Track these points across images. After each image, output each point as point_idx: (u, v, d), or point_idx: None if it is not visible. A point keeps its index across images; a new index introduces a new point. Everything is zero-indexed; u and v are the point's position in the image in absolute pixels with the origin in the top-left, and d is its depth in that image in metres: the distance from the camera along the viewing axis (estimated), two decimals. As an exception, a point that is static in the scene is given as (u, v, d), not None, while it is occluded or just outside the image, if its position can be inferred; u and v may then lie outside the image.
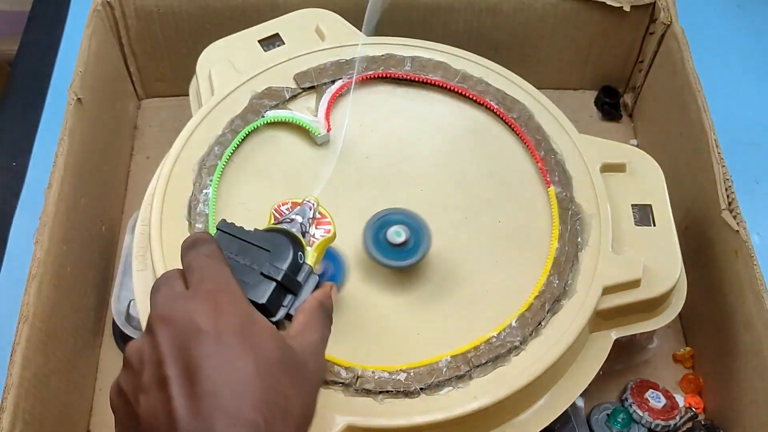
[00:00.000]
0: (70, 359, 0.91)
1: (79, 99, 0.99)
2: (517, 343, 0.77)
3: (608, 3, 1.13)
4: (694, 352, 1.02)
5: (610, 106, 1.23)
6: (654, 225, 0.87)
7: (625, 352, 0.98)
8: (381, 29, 1.15)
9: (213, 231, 0.80)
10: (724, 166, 0.96)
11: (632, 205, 0.88)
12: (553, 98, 1.21)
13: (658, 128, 1.14)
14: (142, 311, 0.84)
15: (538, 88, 0.98)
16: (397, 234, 0.80)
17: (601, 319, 0.83)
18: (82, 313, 0.96)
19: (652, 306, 0.85)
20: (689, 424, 0.96)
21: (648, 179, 0.91)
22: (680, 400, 0.99)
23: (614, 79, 1.24)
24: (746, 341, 0.91)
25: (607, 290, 0.81)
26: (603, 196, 0.87)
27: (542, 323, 0.79)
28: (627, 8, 1.13)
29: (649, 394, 0.95)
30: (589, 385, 0.95)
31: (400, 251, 0.81)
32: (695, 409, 0.97)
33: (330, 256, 0.82)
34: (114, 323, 1.00)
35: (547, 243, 0.85)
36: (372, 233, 0.81)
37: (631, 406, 0.95)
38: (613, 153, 0.91)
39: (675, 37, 1.09)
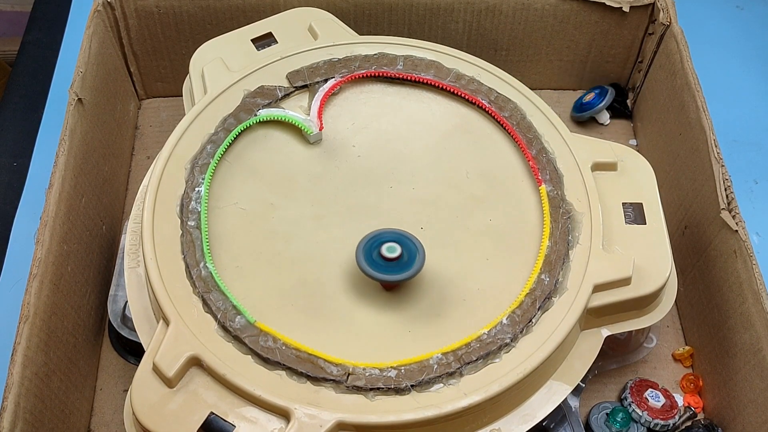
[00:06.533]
0: (71, 359, 0.92)
1: (79, 99, 0.99)
2: (508, 341, 0.77)
3: (608, 3, 1.13)
4: (694, 352, 1.02)
5: (618, 103, 1.23)
6: (645, 223, 0.87)
7: (621, 350, 0.98)
8: (380, 30, 1.16)
9: (204, 228, 0.81)
10: (723, 166, 0.96)
11: (623, 204, 0.88)
12: (553, 98, 1.22)
13: (657, 128, 1.14)
14: (135, 308, 0.84)
15: (537, 89, 0.98)
16: (390, 250, 0.80)
17: (592, 316, 0.83)
18: (83, 313, 0.96)
19: (642, 304, 0.85)
20: (688, 423, 0.95)
21: (639, 178, 0.90)
22: (679, 399, 0.99)
23: (614, 80, 1.24)
24: (745, 341, 0.91)
25: (598, 288, 0.81)
26: (594, 194, 0.87)
27: (533, 320, 0.79)
28: (626, 9, 1.13)
29: (649, 393, 0.95)
30: (588, 384, 0.96)
31: (395, 266, 0.81)
32: (694, 408, 0.97)
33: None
34: (110, 324, 1.00)
35: (538, 241, 0.85)
36: (365, 251, 0.81)
37: (630, 405, 0.95)
38: (605, 152, 0.91)
39: (674, 38, 1.09)
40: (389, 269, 0.79)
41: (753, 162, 1.20)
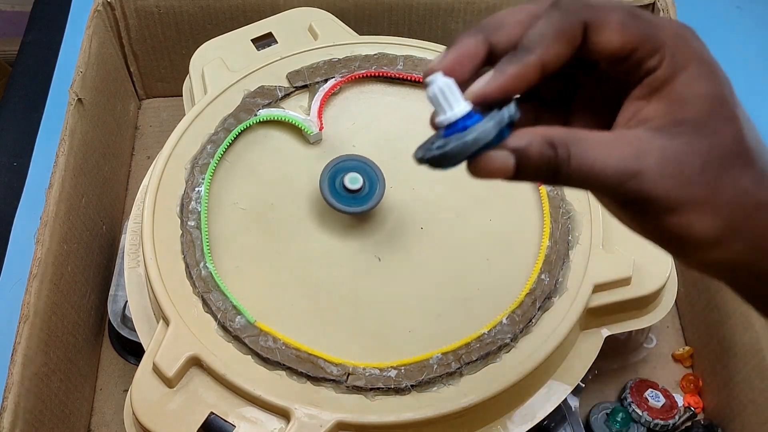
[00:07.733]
0: (71, 359, 0.92)
1: (79, 99, 0.99)
2: (508, 341, 0.77)
3: (607, 3, 1.12)
4: (694, 352, 1.02)
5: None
6: (645, 223, 0.87)
7: (621, 350, 0.98)
8: (380, 30, 1.16)
9: (204, 228, 0.81)
10: (723, 165, 0.95)
11: (624, 203, 0.88)
12: (553, 98, 1.22)
13: (657, 128, 1.14)
14: (135, 308, 0.84)
15: (537, 89, 0.97)
16: (353, 180, 0.82)
17: (592, 316, 0.83)
18: (83, 313, 0.96)
19: (642, 304, 0.85)
20: (688, 424, 0.95)
21: (639, 177, 0.90)
22: (679, 399, 0.98)
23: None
24: (745, 341, 0.91)
25: (598, 288, 0.81)
26: (594, 194, 0.86)
27: (533, 320, 0.79)
28: (626, 8, 1.13)
29: (649, 393, 0.95)
30: (588, 384, 0.95)
31: (356, 197, 0.83)
32: (694, 408, 0.97)
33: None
34: (110, 324, 1.00)
35: (538, 241, 0.85)
36: (328, 181, 0.83)
37: (630, 405, 0.95)
38: (605, 151, 0.90)
39: (674, 37, 1.08)
40: (351, 200, 0.83)
41: (753, 162, 1.20)
